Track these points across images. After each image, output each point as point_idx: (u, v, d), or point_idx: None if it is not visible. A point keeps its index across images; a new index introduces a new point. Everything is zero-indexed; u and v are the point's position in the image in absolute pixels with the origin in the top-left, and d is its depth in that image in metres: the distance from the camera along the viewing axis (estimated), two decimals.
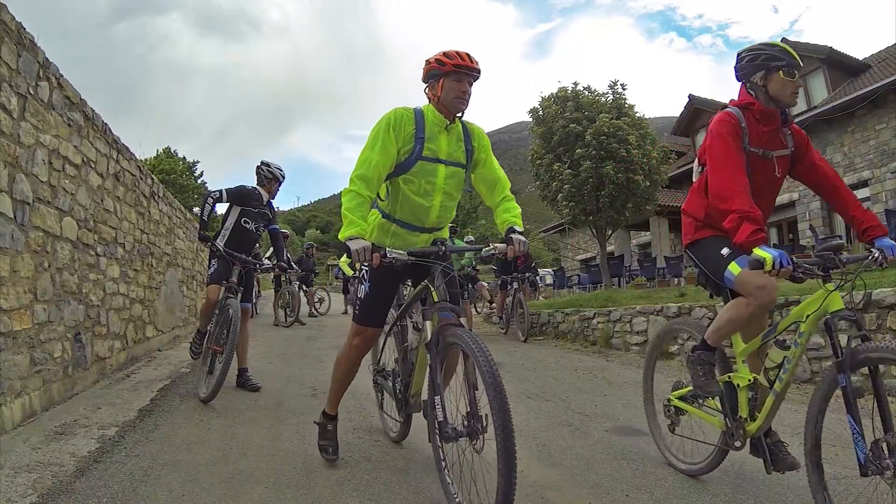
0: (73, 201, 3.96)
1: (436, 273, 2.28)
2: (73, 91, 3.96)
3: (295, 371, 5.32)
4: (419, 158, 2.39)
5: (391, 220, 2.54)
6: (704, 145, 2.42)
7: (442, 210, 2.50)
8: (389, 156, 2.34)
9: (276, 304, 10.69)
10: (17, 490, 2.23)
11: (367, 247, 2.12)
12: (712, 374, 2.43)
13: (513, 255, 2.34)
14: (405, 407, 2.73)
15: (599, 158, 11.44)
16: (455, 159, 2.47)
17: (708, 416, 2.49)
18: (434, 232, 2.57)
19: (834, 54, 14.95)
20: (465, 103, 2.39)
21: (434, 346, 2.18)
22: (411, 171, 2.40)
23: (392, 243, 2.50)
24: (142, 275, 5.88)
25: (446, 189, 2.47)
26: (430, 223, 2.52)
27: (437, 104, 2.41)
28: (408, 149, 2.38)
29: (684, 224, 2.55)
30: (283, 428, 3.32)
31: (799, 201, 15.16)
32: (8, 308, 2.99)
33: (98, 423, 3.27)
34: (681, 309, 6.31)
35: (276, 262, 5.11)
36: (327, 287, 18.19)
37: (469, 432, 1.99)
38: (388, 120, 2.38)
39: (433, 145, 2.40)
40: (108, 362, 4.69)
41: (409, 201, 2.45)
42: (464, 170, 2.52)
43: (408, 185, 2.42)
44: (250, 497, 2.28)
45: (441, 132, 2.43)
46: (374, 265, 2.15)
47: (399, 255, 2.19)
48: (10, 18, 3.07)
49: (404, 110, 2.42)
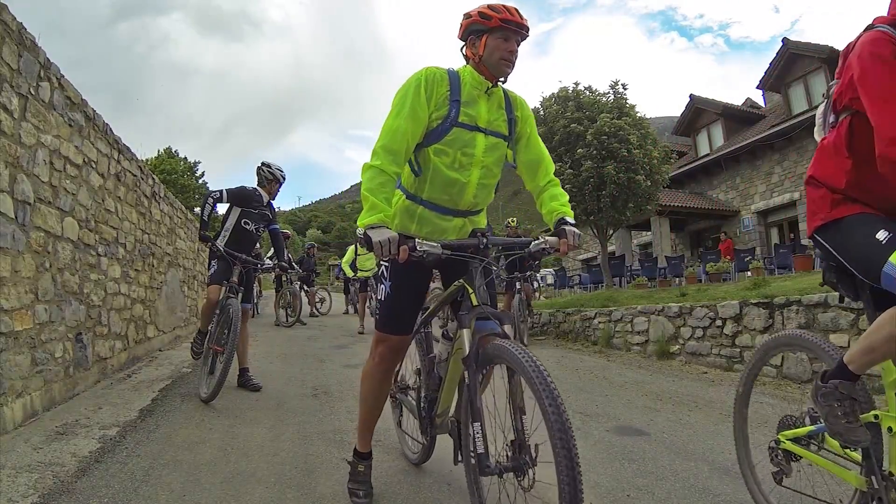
0: (75, 201, 3.96)
1: (475, 271, 1.92)
2: (74, 91, 3.96)
3: (296, 371, 5.33)
4: (455, 125, 2.01)
5: (417, 201, 2.13)
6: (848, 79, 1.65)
7: (479, 189, 2.11)
8: (420, 122, 1.97)
9: (277, 304, 10.70)
10: (19, 490, 2.23)
11: (393, 238, 1.73)
12: (856, 414, 1.70)
13: (566, 251, 2.00)
14: (430, 428, 2.34)
15: (600, 158, 11.43)
16: (496, 129, 2.09)
17: (836, 467, 1.80)
18: (468, 216, 2.18)
19: (835, 54, 14.88)
20: (512, 66, 2.03)
21: (473, 360, 1.78)
22: (445, 140, 2.02)
23: (417, 230, 2.13)
24: (143, 275, 5.88)
25: (486, 163, 2.08)
26: (465, 204, 2.12)
27: (477, 64, 2.04)
28: (441, 114, 2.01)
29: (812, 199, 1.81)
30: (285, 428, 3.32)
31: (800, 201, 15.14)
32: (9, 308, 2.99)
33: (99, 423, 3.27)
34: (682, 309, 6.30)
35: (277, 262, 5.11)
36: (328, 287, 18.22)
37: (515, 466, 1.65)
38: (417, 80, 2.00)
39: (471, 111, 2.03)
40: (109, 362, 4.69)
41: (440, 177, 2.05)
42: (506, 142, 2.15)
43: (440, 156, 2.03)
44: (251, 497, 2.28)
45: (481, 96, 2.06)
46: (400, 260, 1.75)
47: (432, 249, 1.79)
48: (11, 19, 3.07)
49: (436, 69, 2.05)
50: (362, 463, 2.31)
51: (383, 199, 1.86)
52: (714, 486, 2.48)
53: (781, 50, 16.08)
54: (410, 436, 2.72)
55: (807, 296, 4.79)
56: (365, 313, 9.32)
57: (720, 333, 5.68)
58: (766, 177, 16.35)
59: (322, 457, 2.79)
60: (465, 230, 2.18)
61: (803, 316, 4.77)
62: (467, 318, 1.87)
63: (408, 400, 2.64)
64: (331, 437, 3.14)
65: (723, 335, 5.65)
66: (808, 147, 14.92)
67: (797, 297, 4.87)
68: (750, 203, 16.97)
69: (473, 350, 1.79)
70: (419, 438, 2.51)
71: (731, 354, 5.53)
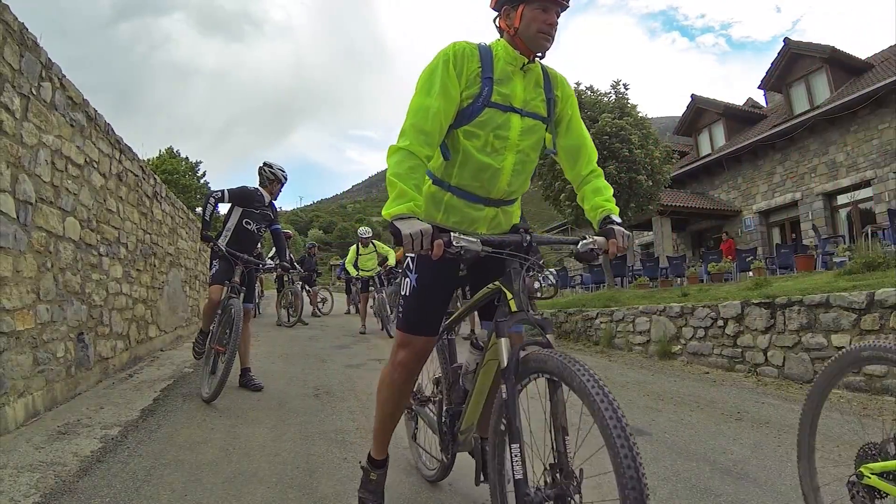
0: (76, 201, 3.97)
1: (516, 273, 1.67)
2: (75, 91, 3.96)
3: (297, 371, 5.33)
4: (487, 105, 1.81)
5: (445, 188, 1.92)
6: None
7: (514, 175, 1.90)
8: (452, 101, 1.77)
9: (279, 304, 10.71)
10: (21, 489, 2.23)
11: (426, 231, 1.51)
12: None
13: (616, 253, 1.79)
14: (452, 445, 2.12)
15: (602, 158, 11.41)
16: (533, 109, 1.88)
17: None
18: (501, 206, 1.96)
19: (836, 54, 14.92)
20: (551, 40, 1.82)
21: (512, 374, 1.55)
22: (476, 122, 1.82)
23: (443, 220, 1.92)
24: (144, 275, 5.89)
25: (521, 147, 1.87)
26: (498, 193, 1.91)
27: (511, 38, 1.83)
28: (472, 92, 1.81)
29: None
30: (286, 428, 3.32)
31: (801, 201, 15.13)
32: (11, 308, 2.99)
33: (101, 422, 3.27)
34: (683, 309, 6.29)
35: (279, 262, 5.11)
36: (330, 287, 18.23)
37: (557, 494, 1.46)
38: (445, 55, 1.80)
39: (505, 89, 1.83)
40: (110, 362, 4.69)
41: (471, 161, 1.85)
42: (544, 124, 1.93)
43: (471, 139, 1.84)
44: (253, 497, 2.28)
45: (516, 73, 1.85)
46: (434, 257, 1.53)
47: (470, 245, 1.55)
48: (13, 19, 3.07)
49: (465, 43, 1.85)
50: (376, 471, 2.13)
51: (413, 185, 1.63)
52: (716, 486, 2.48)
53: (783, 50, 16.06)
54: (427, 451, 2.49)
55: (808, 296, 4.78)
56: (367, 313, 9.33)
57: (722, 334, 5.68)
58: (768, 177, 16.33)
59: (324, 457, 2.79)
60: (497, 221, 1.97)
61: (805, 316, 4.76)
62: (505, 326, 1.63)
63: (425, 412, 2.42)
64: (332, 437, 3.14)
65: (724, 335, 5.64)
66: (809, 147, 14.91)
67: (799, 298, 4.86)
68: (751, 203, 16.95)
69: (513, 362, 1.56)
70: (437, 455, 2.30)
71: (732, 355, 5.52)
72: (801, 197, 15.14)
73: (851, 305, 4.38)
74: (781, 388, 4.63)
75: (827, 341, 4.53)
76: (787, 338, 4.90)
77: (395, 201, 1.60)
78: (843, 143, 13.97)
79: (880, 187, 13.02)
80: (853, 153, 13.70)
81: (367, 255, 9.55)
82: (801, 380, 4.68)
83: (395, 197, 1.61)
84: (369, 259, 9.51)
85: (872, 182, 13.23)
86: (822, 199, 14.61)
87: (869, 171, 13.26)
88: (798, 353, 4.77)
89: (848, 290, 4.61)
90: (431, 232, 1.51)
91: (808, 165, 14.98)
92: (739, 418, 3.68)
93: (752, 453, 2.94)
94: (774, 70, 16.38)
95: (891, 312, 4.12)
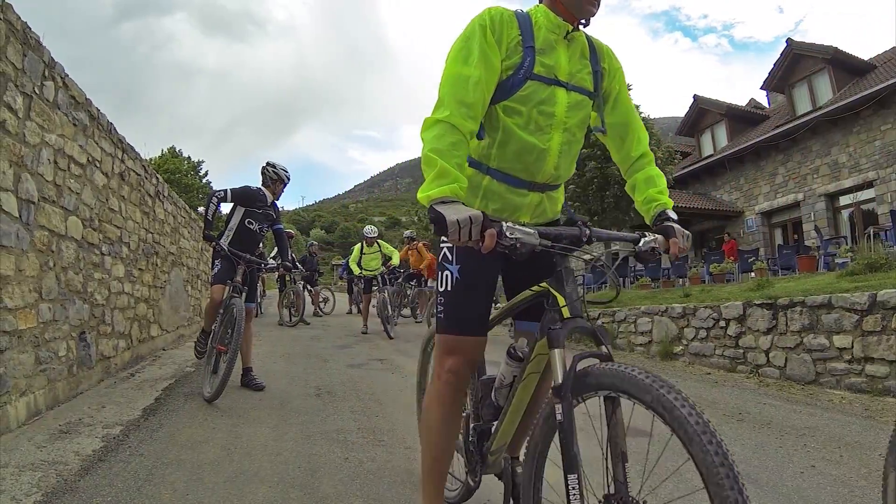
0: (79, 200, 3.97)
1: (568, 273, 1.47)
2: (78, 90, 3.97)
3: (299, 371, 5.33)
4: (530, 77, 1.58)
5: (483, 171, 1.68)
6: None
7: (561, 157, 1.67)
8: (493, 70, 1.55)
9: (281, 304, 10.72)
10: (22, 488, 2.23)
11: (477, 217, 1.25)
12: None
13: (677, 254, 1.59)
14: (480, 466, 1.85)
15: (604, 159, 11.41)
16: (579, 83, 1.66)
17: None
18: (546, 192, 1.73)
19: (839, 55, 14.89)
20: (597, 5, 1.63)
21: (569, 391, 1.31)
22: (517, 97, 1.59)
23: (482, 207, 1.68)
24: (146, 274, 5.89)
25: (568, 125, 1.65)
26: (544, 176, 1.68)
27: (553, 3, 1.64)
28: (513, 63, 1.58)
29: None
30: (288, 427, 3.32)
31: (804, 202, 15.10)
32: (13, 307, 3.00)
33: (102, 421, 3.28)
34: (685, 309, 6.29)
35: (281, 262, 5.11)
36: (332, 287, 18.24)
37: None
38: (481, 21, 1.57)
39: (549, 60, 1.60)
40: (112, 361, 4.70)
41: (514, 141, 1.63)
42: (591, 100, 1.71)
43: (512, 116, 1.61)
44: (254, 496, 2.28)
45: (559, 42, 1.62)
46: (484, 249, 1.28)
47: (526, 237, 1.30)
48: (16, 18, 3.08)
49: (501, 9, 1.62)
50: None
51: (456, 164, 1.40)
52: None
53: (785, 50, 16.04)
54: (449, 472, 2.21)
55: (811, 297, 4.78)
56: (369, 314, 9.31)
57: (724, 334, 5.67)
58: (770, 177, 16.31)
59: (325, 457, 2.79)
60: (542, 209, 1.74)
61: (807, 317, 4.75)
62: (559, 335, 1.38)
63: None
64: (334, 436, 3.14)
65: (726, 336, 5.63)
66: (812, 148, 14.89)
67: (801, 298, 4.85)
68: (754, 204, 16.93)
69: (569, 378, 1.31)
70: (460, 476, 2.05)
71: (734, 355, 5.51)
72: (804, 198, 15.11)
73: (853, 306, 4.37)
74: (783, 389, 4.62)
75: (829, 342, 4.53)
76: (788, 339, 4.90)
77: (436, 182, 1.35)
78: (845, 144, 13.95)
79: (882, 188, 12.99)
80: (855, 154, 13.68)
81: (371, 255, 9.51)
82: (802, 381, 4.68)
83: (435, 176, 1.36)
84: (373, 259, 9.47)
85: (875, 183, 13.20)
86: (824, 199, 14.59)
87: (871, 172, 13.24)
88: (800, 354, 4.76)
89: (850, 291, 4.60)
90: (482, 219, 1.26)
91: (811, 166, 14.96)
92: (741, 419, 3.67)
93: (753, 454, 2.93)
94: (777, 71, 16.36)
95: (893, 314, 4.12)
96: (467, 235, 1.24)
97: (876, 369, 4.11)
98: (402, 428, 3.33)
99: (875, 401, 3.95)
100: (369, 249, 9.53)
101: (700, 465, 1.06)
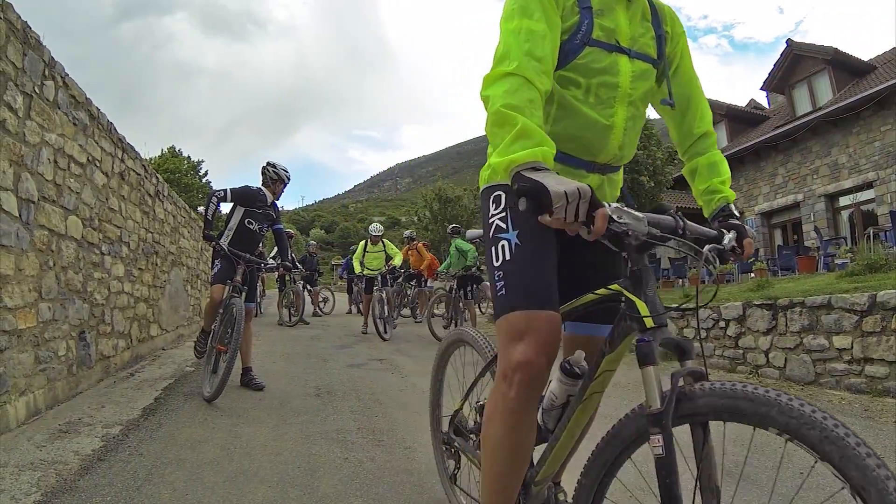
0: (79, 200, 3.97)
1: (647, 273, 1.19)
2: (78, 90, 3.97)
3: (299, 371, 5.33)
4: (588, 42, 1.37)
5: None
6: None
7: (626, 134, 1.46)
8: (556, 29, 1.32)
9: (281, 304, 10.72)
10: (22, 488, 2.23)
11: (585, 192, 1.00)
12: None
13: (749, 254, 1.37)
14: (523, 498, 1.49)
15: None
16: (642, 49, 1.45)
17: None
18: (608, 173, 1.52)
19: (839, 55, 14.90)
20: None
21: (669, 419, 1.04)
22: (575, 64, 1.37)
23: None
24: (146, 274, 5.89)
25: (633, 97, 1.44)
26: (606, 156, 1.46)
27: None
28: (569, 26, 1.36)
29: None
30: (287, 427, 3.32)
31: (804, 202, 15.11)
32: (13, 306, 3.00)
33: (102, 421, 3.28)
34: None
35: (281, 262, 5.12)
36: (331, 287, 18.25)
37: None
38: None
39: (608, 22, 1.39)
40: (112, 361, 4.70)
41: (573, 116, 1.41)
42: (654, 69, 1.49)
43: (569, 88, 1.39)
44: (254, 496, 2.28)
45: (618, 2, 1.41)
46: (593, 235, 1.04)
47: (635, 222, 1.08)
48: (16, 18, 3.08)
49: None
50: None
51: (538, 122, 1.15)
52: None
53: (786, 51, 16.04)
54: (475, 498, 1.88)
55: (810, 297, 4.78)
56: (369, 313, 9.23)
57: (723, 335, 5.67)
58: (770, 178, 16.31)
59: (325, 456, 2.79)
60: (602, 192, 1.52)
61: (807, 318, 4.75)
62: (654, 350, 1.12)
63: (472, 449, 1.80)
64: (334, 436, 3.14)
65: (726, 336, 5.63)
66: (811, 148, 14.89)
67: (800, 299, 4.85)
68: (753, 204, 16.93)
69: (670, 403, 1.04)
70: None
71: (734, 356, 5.51)
72: (803, 198, 15.11)
73: (853, 307, 4.37)
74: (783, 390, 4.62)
75: (828, 343, 4.53)
76: (788, 339, 4.89)
77: (519, 143, 1.09)
78: (845, 145, 13.95)
79: (882, 189, 13.00)
80: (855, 155, 13.68)
81: (374, 253, 9.29)
82: (802, 381, 4.68)
83: (516, 136, 1.10)
84: (376, 257, 9.24)
85: (874, 184, 13.21)
86: (824, 200, 14.59)
87: (871, 173, 13.24)
88: (799, 355, 4.76)
89: (850, 291, 4.60)
90: (590, 194, 1.01)
91: (811, 167, 14.96)
92: None
93: (752, 454, 2.93)
94: (777, 71, 16.36)
95: (892, 314, 4.11)
96: (573, 214, 0.99)
97: (875, 370, 4.11)
98: (401, 428, 3.33)
99: (874, 401, 3.95)
100: (373, 248, 9.31)
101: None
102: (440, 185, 25.76)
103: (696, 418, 1.04)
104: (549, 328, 1.27)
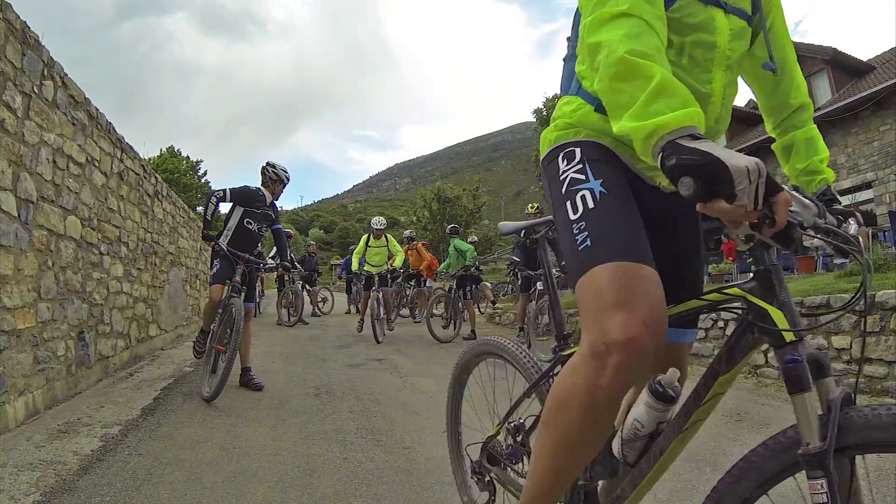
0: (78, 200, 3.97)
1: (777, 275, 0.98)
2: (77, 90, 3.97)
3: (298, 370, 5.33)
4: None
5: None
6: None
7: (724, 104, 1.23)
8: None
9: (280, 304, 10.71)
10: (21, 488, 2.23)
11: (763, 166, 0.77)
12: None
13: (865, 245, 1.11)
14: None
15: None
16: (737, 3, 1.21)
17: None
18: None
19: (838, 55, 14.93)
20: None
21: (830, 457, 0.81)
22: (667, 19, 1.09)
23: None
24: (145, 274, 5.89)
25: (731, 60, 1.21)
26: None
27: None
28: None
29: None
30: (286, 427, 3.32)
31: None
32: (12, 306, 2.99)
33: (101, 421, 3.27)
34: None
35: (280, 262, 5.11)
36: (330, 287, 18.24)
37: None
38: None
39: None
40: (111, 361, 4.70)
41: None
42: (749, 27, 1.25)
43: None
44: (253, 496, 2.28)
45: None
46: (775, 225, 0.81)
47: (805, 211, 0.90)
48: (15, 17, 3.08)
49: None
50: None
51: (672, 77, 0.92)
52: None
53: None
54: None
55: (809, 297, 4.78)
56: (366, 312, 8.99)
57: (722, 335, 5.67)
58: None
59: (324, 456, 2.79)
60: None
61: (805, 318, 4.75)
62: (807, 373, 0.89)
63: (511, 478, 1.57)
64: (333, 436, 3.14)
65: (725, 336, 5.64)
66: None
67: (799, 299, 4.85)
68: None
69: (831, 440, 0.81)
70: None
71: None
72: None
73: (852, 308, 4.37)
74: (781, 390, 4.61)
75: (827, 343, 4.53)
76: None
77: (661, 101, 0.87)
78: (843, 145, 13.97)
79: (881, 189, 13.02)
80: (854, 155, 13.70)
81: (376, 249, 8.73)
82: None
83: (655, 92, 0.88)
84: (378, 254, 8.71)
85: (873, 184, 13.23)
86: None
87: (870, 173, 13.26)
88: None
89: (849, 291, 4.60)
90: (767, 172, 0.78)
91: None
92: (740, 420, 3.68)
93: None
94: None
95: (891, 314, 4.12)
96: (752, 196, 0.77)
97: (874, 370, 4.12)
98: (400, 428, 3.33)
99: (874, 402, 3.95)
100: (376, 242, 8.73)
101: None
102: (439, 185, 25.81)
103: (852, 452, 0.84)
104: (657, 292, 1.00)
